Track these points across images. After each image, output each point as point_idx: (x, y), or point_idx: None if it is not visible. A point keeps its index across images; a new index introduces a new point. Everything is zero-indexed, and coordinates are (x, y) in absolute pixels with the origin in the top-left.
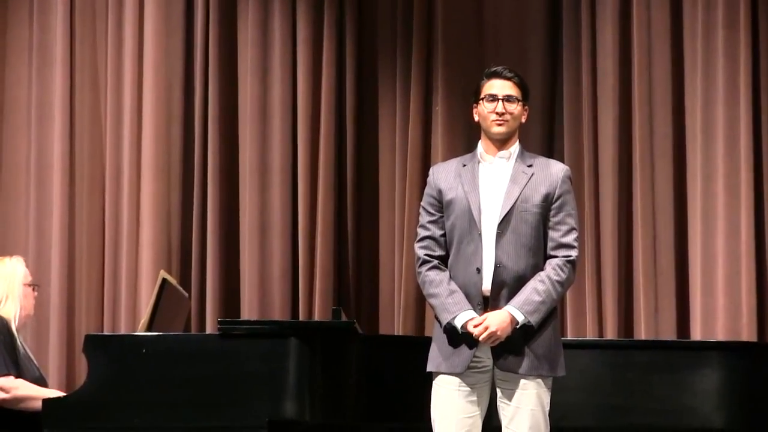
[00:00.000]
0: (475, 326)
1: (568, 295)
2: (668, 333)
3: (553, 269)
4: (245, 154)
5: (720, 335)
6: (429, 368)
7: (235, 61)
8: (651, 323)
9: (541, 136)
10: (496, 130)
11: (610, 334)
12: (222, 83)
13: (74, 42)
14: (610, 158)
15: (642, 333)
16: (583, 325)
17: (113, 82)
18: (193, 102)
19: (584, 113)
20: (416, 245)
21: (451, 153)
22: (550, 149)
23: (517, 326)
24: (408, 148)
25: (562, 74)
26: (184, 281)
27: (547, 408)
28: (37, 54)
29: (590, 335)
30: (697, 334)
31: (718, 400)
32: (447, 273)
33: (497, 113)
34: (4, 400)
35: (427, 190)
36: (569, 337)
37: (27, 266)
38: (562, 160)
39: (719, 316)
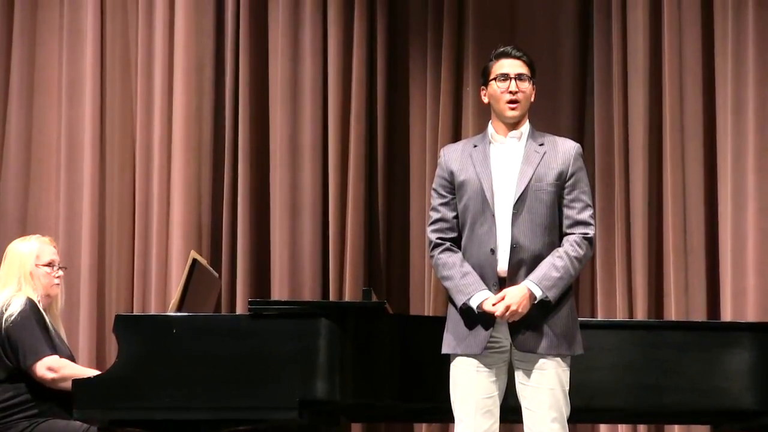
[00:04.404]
0: (494, 304)
1: (599, 275)
2: (698, 313)
3: (570, 245)
4: (276, 134)
5: (750, 315)
6: (445, 350)
7: (265, 39)
8: (681, 303)
9: (572, 116)
10: (510, 114)
11: (641, 314)
12: (253, 62)
13: (105, 21)
14: (641, 137)
15: (672, 313)
16: (613, 305)
17: (144, 62)
18: (223, 81)
19: (615, 92)
20: (428, 229)
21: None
22: (581, 129)
23: (535, 302)
24: (438, 128)
25: (592, 53)
26: (215, 261)
27: (567, 387)
28: (67, 33)
29: (621, 315)
30: (727, 314)
31: (749, 380)
32: (459, 254)
33: (510, 92)
34: (53, 380)
35: (438, 171)
36: (600, 318)
37: (56, 246)
38: (592, 141)
39: (750, 295)
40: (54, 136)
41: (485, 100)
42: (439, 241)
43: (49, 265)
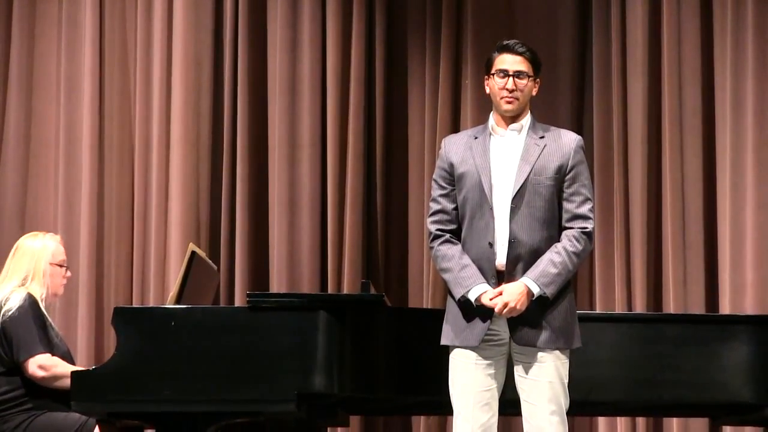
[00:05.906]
0: (491, 299)
1: (598, 268)
2: (697, 306)
3: (569, 240)
4: (274, 129)
5: (749, 309)
6: (443, 341)
7: (264, 34)
8: (680, 297)
9: (570, 111)
10: (506, 108)
11: (639, 307)
12: (251, 57)
13: (103, 16)
14: (640, 132)
15: (671, 306)
16: (612, 299)
17: (142, 57)
18: (222, 76)
19: (614, 87)
20: (428, 220)
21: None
22: (580, 124)
23: (533, 299)
24: (437, 122)
25: (591, 48)
26: (213, 254)
27: (566, 380)
28: (66, 28)
29: (619, 308)
30: (725, 307)
31: (747, 373)
32: (459, 246)
33: (507, 89)
34: (43, 378)
35: (438, 162)
36: (598, 311)
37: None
38: (591, 135)
39: (748, 289)
40: (52, 131)
41: (487, 90)
42: (438, 232)
43: (61, 265)
